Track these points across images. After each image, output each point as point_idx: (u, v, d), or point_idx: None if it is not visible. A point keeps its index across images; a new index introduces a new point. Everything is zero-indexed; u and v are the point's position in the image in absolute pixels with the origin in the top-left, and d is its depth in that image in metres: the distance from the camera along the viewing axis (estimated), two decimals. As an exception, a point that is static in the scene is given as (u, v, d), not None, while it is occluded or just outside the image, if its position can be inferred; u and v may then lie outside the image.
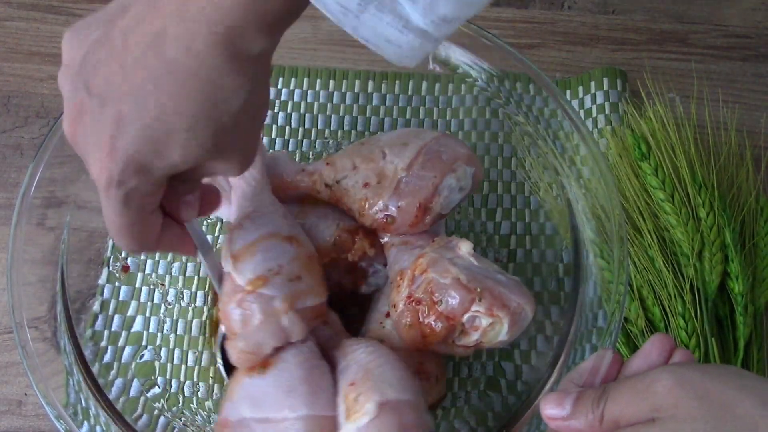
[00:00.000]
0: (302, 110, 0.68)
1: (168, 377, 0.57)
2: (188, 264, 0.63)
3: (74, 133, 0.37)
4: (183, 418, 0.56)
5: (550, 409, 0.40)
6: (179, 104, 0.34)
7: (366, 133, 0.68)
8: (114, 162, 0.35)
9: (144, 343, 0.58)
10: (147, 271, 0.61)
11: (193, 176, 0.39)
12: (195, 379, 0.58)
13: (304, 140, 0.67)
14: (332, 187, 0.57)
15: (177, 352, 0.59)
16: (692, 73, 0.73)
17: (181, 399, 0.57)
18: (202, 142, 0.36)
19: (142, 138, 0.35)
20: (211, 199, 0.45)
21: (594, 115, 0.69)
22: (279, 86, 0.69)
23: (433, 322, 0.49)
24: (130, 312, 0.59)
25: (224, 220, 0.62)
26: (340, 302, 0.56)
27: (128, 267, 0.60)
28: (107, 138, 0.35)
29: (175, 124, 0.35)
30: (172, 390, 0.57)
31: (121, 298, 0.59)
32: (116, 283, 0.59)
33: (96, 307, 0.58)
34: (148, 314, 0.59)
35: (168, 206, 0.41)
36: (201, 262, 0.51)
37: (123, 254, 0.60)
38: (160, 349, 0.58)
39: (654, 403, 0.36)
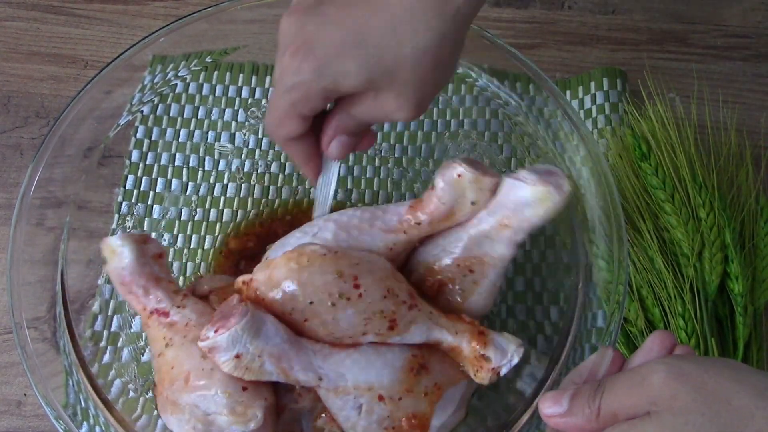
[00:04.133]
0: (302, 110, 0.68)
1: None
2: (188, 263, 0.63)
3: (287, 19, 0.44)
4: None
5: (548, 407, 0.40)
6: (376, 25, 0.42)
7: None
8: (304, 50, 0.42)
9: (143, 343, 0.58)
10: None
11: (362, 113, 0.46)
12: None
13: (304, 140, 0.67)
14: None
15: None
16: (692, 73, 0.73)
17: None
18: (380, 63, 0.42)
19: (335, 39, 0.42)
20: (367, 140, 0.51)
21: (594, 115, 0.69)
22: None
23: None
24: (130, 312, 0.59)
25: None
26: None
27: None
28: (311, 31, 0.43)
29: (367, 41, 0.42)
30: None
31: (120, 299, 0.59)
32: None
33: (95, 307, 0.58)
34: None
35: (322, 134, 0.48)
36: (315, 188, 0.54)
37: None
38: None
39: (650, 396, 0.36)
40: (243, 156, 0.66)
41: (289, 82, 0.43)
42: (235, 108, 0.68)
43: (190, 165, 0.66)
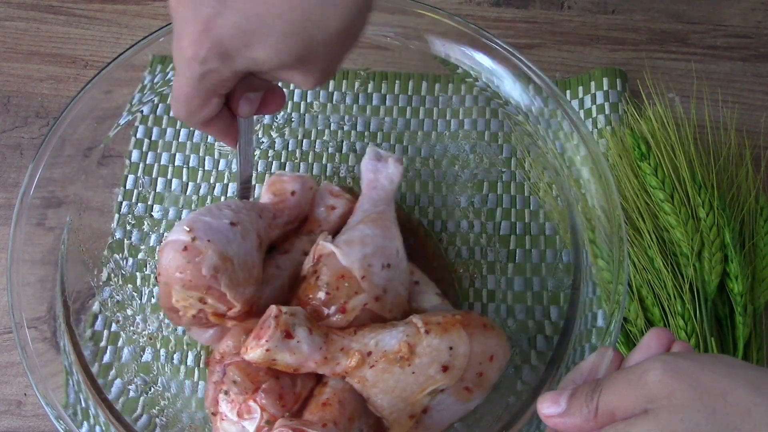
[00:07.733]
0: (302, 110, 0.68)
1: (167, 377, 0.57)
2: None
3: (179, 2, 0.40)
4: (183, 418, 0.56)
5: (546, 407, 0.40)
6: (284, 9, 0.38)
7: (366, 133, 0.68)
8: (207, 39, 0.39)
9: (143, 343, 0.58)
10: (146, 271, 0.61)
11: (267, 77, 0.43)
12: (195, 379, 0.58)
13: (304, 140, 0.67)
14: None
15: (177, 353, 0.59)
16: (692, 73, 0.73)
17: (180, 399, 0.57)
18: (290, 49, 0.40)
19: (239, 27, 0.39)
20: (274, 100, 0.49)
21: (594, 115, 0.69)
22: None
23: None
24: (129, 312, 0.59)
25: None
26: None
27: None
28: (208, 15, 0.39)
29: (274, 26, 0.39)
30: (172, 390, 0.57)
31: (120, 299, 0.59)
32: (116, 284, 0.60)
33: (96, 307, 0.58)
34: (148, 313, 0.59)
35: (231, 98, 0.46)
36: (238, 151, 0.53)
37: (125, 256, 0.60)
38: (160, 349, 0.58)
39: (647, 394, 0.36)
40: (243, 156, 0.66)
41: (198, 71, 0.41)
42: (235, 108, 0.68)
43: (190, 165, 0.66)
